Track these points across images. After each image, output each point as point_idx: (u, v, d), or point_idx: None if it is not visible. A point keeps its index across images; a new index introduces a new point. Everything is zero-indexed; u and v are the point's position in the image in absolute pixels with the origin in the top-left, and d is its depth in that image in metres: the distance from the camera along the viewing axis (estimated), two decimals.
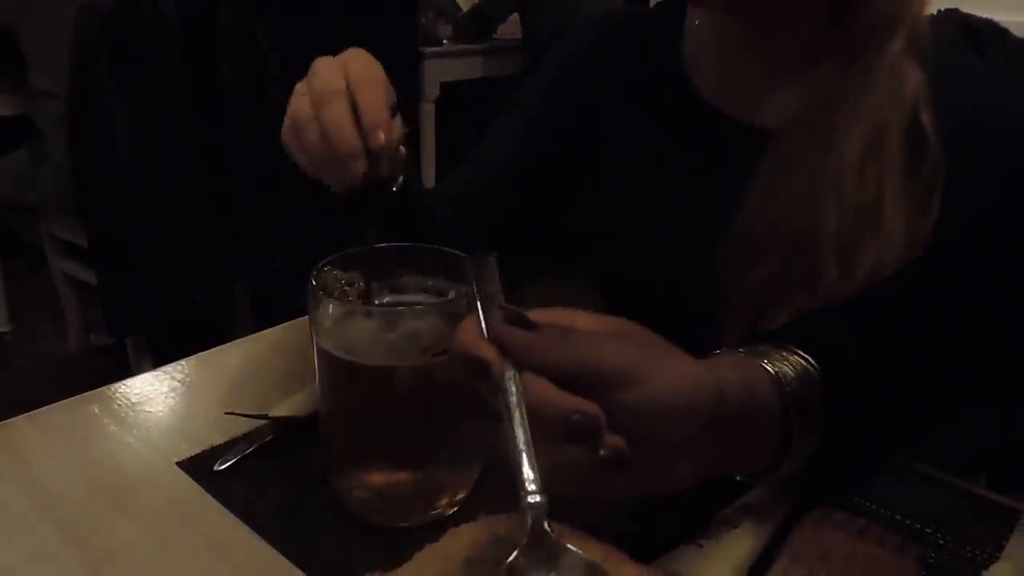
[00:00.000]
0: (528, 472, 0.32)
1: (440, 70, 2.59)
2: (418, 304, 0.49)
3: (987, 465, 0.64)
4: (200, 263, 1.74)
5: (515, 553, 0.32)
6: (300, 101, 0.52)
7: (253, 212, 1.65)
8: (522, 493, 0.32)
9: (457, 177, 0.75)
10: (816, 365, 0.44)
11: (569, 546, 0.33)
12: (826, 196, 0.54)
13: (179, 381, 0.64)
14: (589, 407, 0.32)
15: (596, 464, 0.33)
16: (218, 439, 0.55)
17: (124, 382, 0.63)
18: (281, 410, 0.56)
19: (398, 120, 0.54)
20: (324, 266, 0.47)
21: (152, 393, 0.62)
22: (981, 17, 0.76)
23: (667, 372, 0.36)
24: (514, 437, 0.32)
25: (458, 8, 2.85)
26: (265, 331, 0.72)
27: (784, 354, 0.44)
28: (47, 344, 2.22)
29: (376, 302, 0.49)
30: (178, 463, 0.53)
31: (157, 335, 1.85)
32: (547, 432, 0.32)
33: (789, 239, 0.55)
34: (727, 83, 0.63)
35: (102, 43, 1.55)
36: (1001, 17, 0.79)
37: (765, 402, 0.41)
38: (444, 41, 2.69)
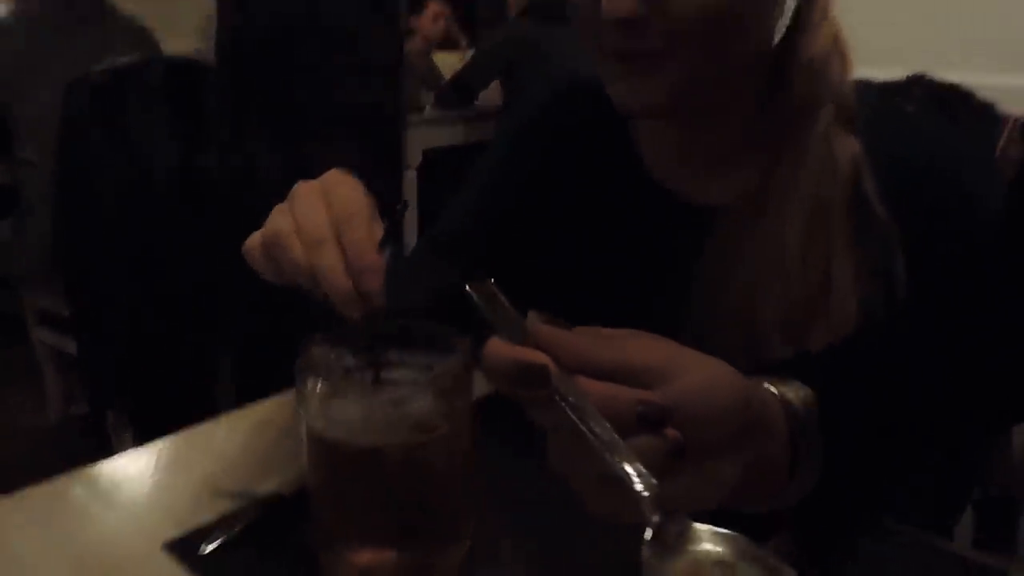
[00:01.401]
0: (630, 465, 0.32)
1: (422, 137, 2.65)
2: (406, 380, 0.49)
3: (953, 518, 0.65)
4: (184, 334, 1.73)
5: (648, 536, 0.32)
6: (282, 232, 0.50)
7: (239, 287, 1.65)
8: (635, 483, 0.31)
9: (416, 252, 0.77)
10: (814, 398, 0.44)
11: (697, 524, 0.33)
12: (769, 278, 0.55)
13: (163, 459, 0.64)
14: (651, 396, 0.33)
15: (659, 463, 0.33)
16: (205, 519, 0.55)
17: (107, 461, 0.63)
18: (268, 489, 0.55)
19: (386, 252, 0.53)
20: (311, 343, 0.47)
21: (136, 472, 0.62)
22: (947, 81, 0.81)
23: (702, 368, 0.36)
24: (597, 435, 0.32)
25: (440, 76, 2.93)
26: (251, 407, 0.72)
27: (784, 381, 0.44)
28: (25, 416, 2.18)
29: (364, 379, 0.49)
30: (164, 545, 0.52)
31: (138, 407, 1.82)
32: (617, 427, 0.33)
33: (735, 319, 0.56)
34: (675, 164, 0.65)
35: (91, 116, 1.57)
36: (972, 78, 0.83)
37: (774, 419, 0.41)
38: (426, 109, 2.76)
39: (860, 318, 0.54)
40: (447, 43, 3.26)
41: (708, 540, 0.33)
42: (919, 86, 0.85)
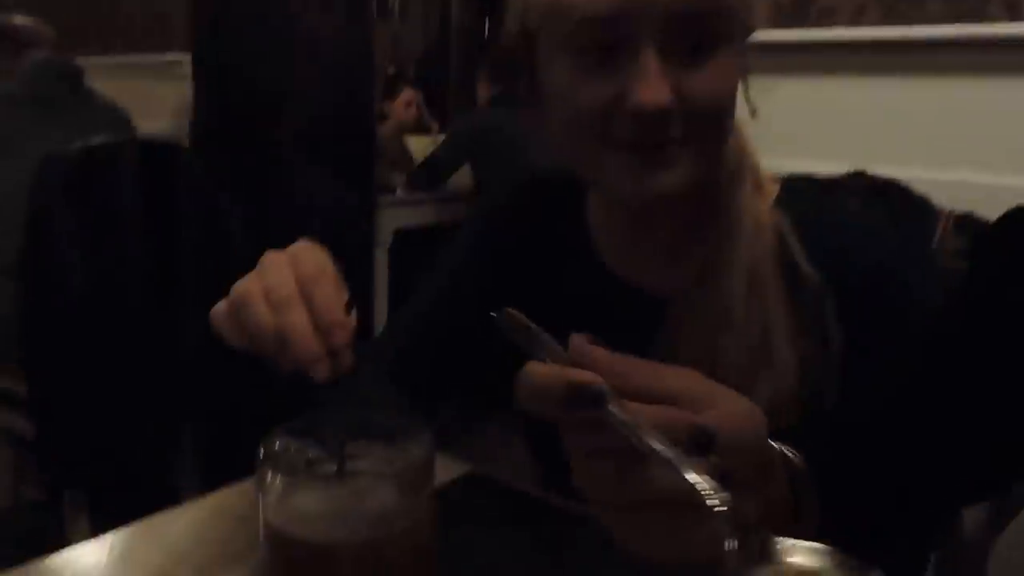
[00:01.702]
0: (697, 477, 0.31)
1: (393, 217, 2.69)
2: (369, 473, 0.49)
3: None
4: (145, 417, 1.70)
5: (730, 548, 0.31)
6: (250, 293, 0.51)
7: (205, 367, 1.64)
8: (706, 498, 0.31)
9: (382, 339, 0.78)
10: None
11: (778, 537, 0.33)
12: (721, 338, 0.58)
13: (116, 552, 0.62)
14: (701, 419, 0.33)
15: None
16: None
17: (58, 554, 0.61)
18: None
19: (353, 314, 0.55)
20: (272, 435, 0.48)
21: (89, 567, 0.60)
22: (886, 176, 0.86)
23: (736, 400, 0.37)
24: (659, 453, 0.32)
25: (412, 159, 3.01)
26: (209, 496, 0.71)
27: (776, 442, 0.45)
28: None
29: (325, 472, 0.49)
30: None
31: (96, 490, 1.76)
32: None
33: None
34: (626, 253, 0.68)
35: (62, 194, 1.58)
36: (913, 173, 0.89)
37: (778, 465, 0.42)
38: (397, 190, 2.81)
39: (799, 369, 0.58)
40: (418, 127, 3.35)
41: (791, 553, 0.33)
42: (859, 180, 0.90)
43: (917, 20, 1.30)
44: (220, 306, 0.53)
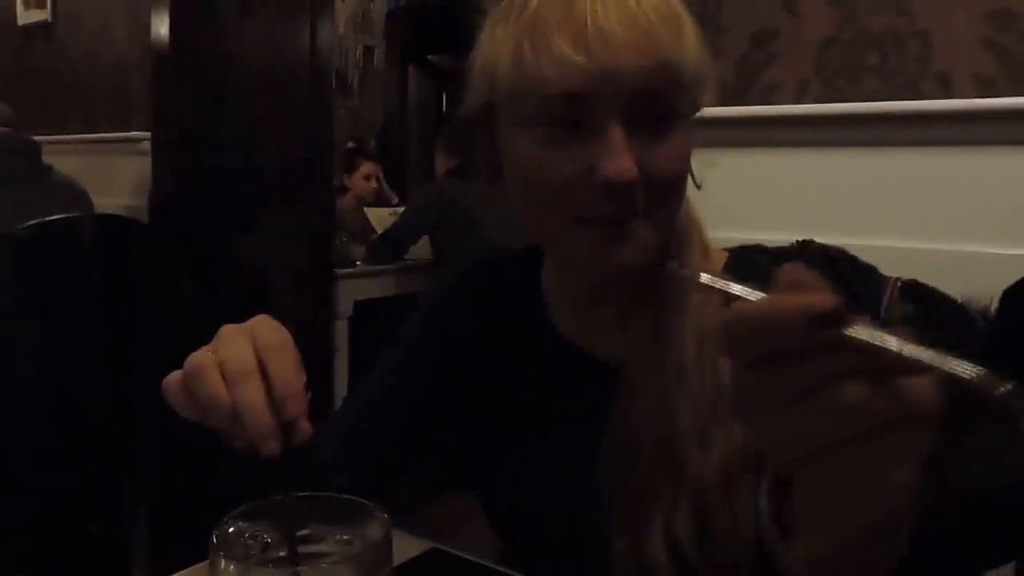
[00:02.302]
0: (971, 367, 0.30)
1: (354, 289, 2.69)
2: (325, 555, 0.48)
3: None
4: (98, 497, 1.63)
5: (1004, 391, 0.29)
6: (204, 365, 0.50)
7: (158, 447, 1.59)
8: (991, 385, 0.29)
9: (340, 413, 0.77)
10: None
11: None
12: (676, 398, 0.59)
13: None
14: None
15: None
16: None
17: None
18: None
19: (308, 394, 0.54)
20: (226, 520, 0.46)
21: None
22: (834, 246, 0.89)
23: None
24: (916, 357, 0.30)
25: (372, 231, 3.03)
26: None
27: None
28: None
29: (278, 558, 0.48)
30: None
31: (45, 573, 1.66)
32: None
33: (654, 443, 0.60)
34: (581, 321, 0.69)
35: (14, 270, 1.55)
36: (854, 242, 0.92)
37: None
38: (358, 263, 2.82)
39: None
40: (378, 200, 3.39)
41: None
42: (808, 249, 0.92)
43: (855, 96, 1.38)
44: (174, 376, 0.52)
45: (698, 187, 0.65)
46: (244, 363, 0.49)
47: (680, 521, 0.58)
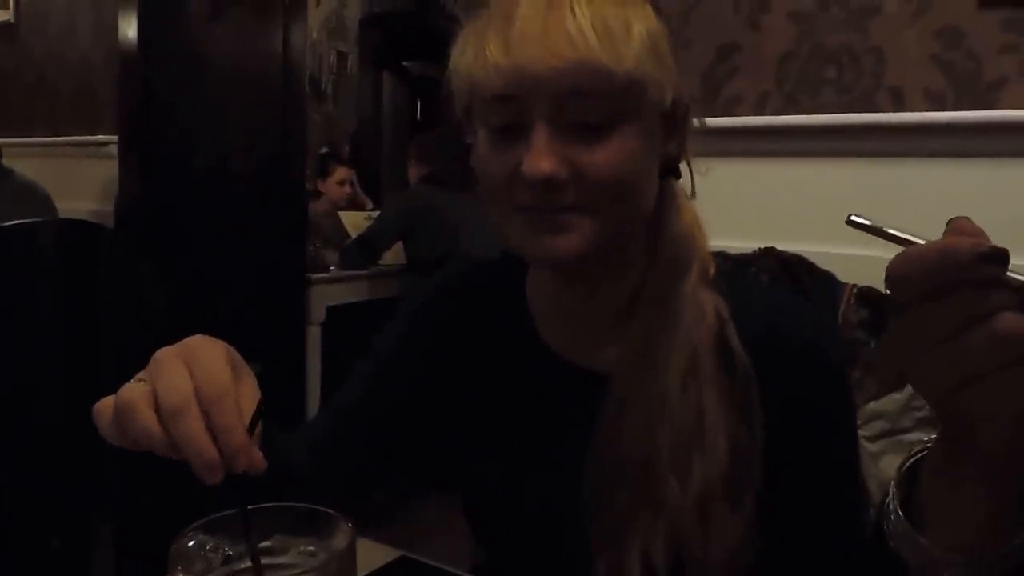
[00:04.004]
0: None
1: (326, 294, 2.67)
2: (288, 566, 0.47)
3: None
4: (58, 505, 1.60)
5: None
6: (134, 401, 0.48)
7: (120, 459, 1.56)
8: None
9: (316, 424, 0.76)
10: None
11: None
12: (659, 422, 0.60)
13: None
14: None
15: None
16: None
17: None
18: None
19: (258, 421, 0.52)
20: (185, 533, 0.45)
21: None
22: (793, 253, 0.91)
23: None
24: None
25: (346, 236, 3.01)
26: None
27: None
28: None
29: (241, 570, 0.48)
30: None
31: None
32: None
33: (635, 466, 0.60)
34: (567, 331, 0.69)
35: None
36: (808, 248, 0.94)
37: None
38: (331, 268, 2.80)
39: (729, 454, 0.59)
40: (352, 205, 3.38)
41: None
42: (769, 256, 0.94)
43: (813, 108, 1.42)
44: (105, 403, 0.50)
45: (679, 178, 0.67)
46: (180, 396, 0.47)
47: (657, 549, 0.59)
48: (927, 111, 1.33)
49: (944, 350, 0.36)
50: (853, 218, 0.41)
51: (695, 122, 0.65)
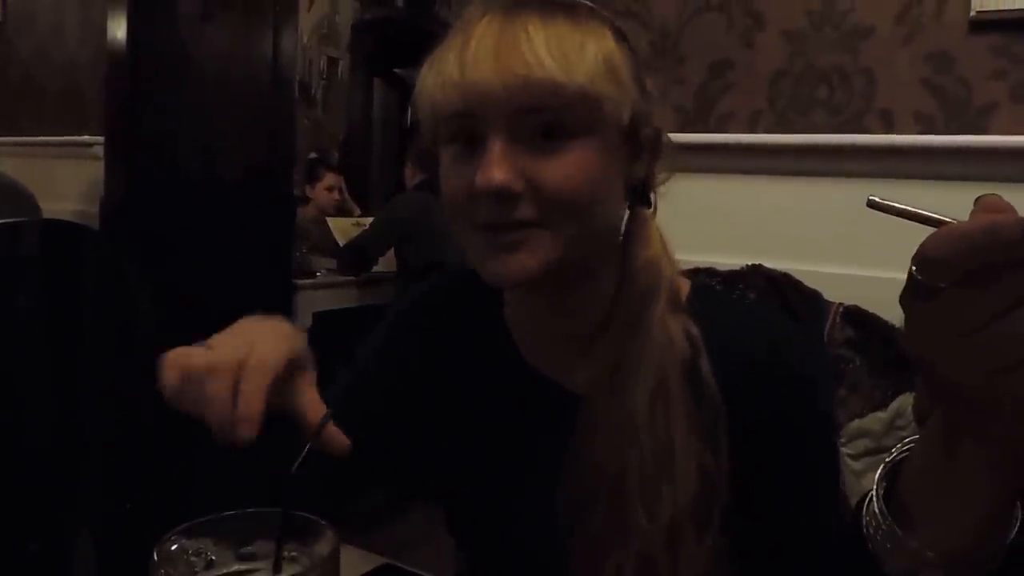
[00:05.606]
0: None
1: (313, 300, 2.66)
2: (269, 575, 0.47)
3: None
4: (37, 508, 1.57)
5: None
6: (199, 351, 0.53)
7: (102, 454, 1.54)
8: None
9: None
10: None
11: None
12: (628, 446, 0.59)
13: None
14: None
15: None
16: None
17: None
18: None
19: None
20: (168, 537, 0.45)
21: None
22: (780, 271, 0.91)
23: None
24: None
25: (335, 242, 3.00)
26: None
27: None
28: None
29: (225, 573, 0.47)
30: None
31: None
32: None
33: (606, 490, 0.60)
34: (543, 348, 0.69)
35: None
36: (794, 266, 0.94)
37: None
38: (318, 273, 2.79)
39: (699, 481, 0.59)
40: (341, 211, 3.36)
41: None
42: (756, 273, 0.94)
43: (804, 128, 1.44)
44: (176, 354, 0.53)
45: (650, 207, 0.67)
46: (225, 360, 0.51)
47: (629, 573, 0.59)
48: (917, 134, 1.34)
49: (987, 334, 0.34)
50: (873, 198, 0.38)
51: (666, 147, 0.65)
